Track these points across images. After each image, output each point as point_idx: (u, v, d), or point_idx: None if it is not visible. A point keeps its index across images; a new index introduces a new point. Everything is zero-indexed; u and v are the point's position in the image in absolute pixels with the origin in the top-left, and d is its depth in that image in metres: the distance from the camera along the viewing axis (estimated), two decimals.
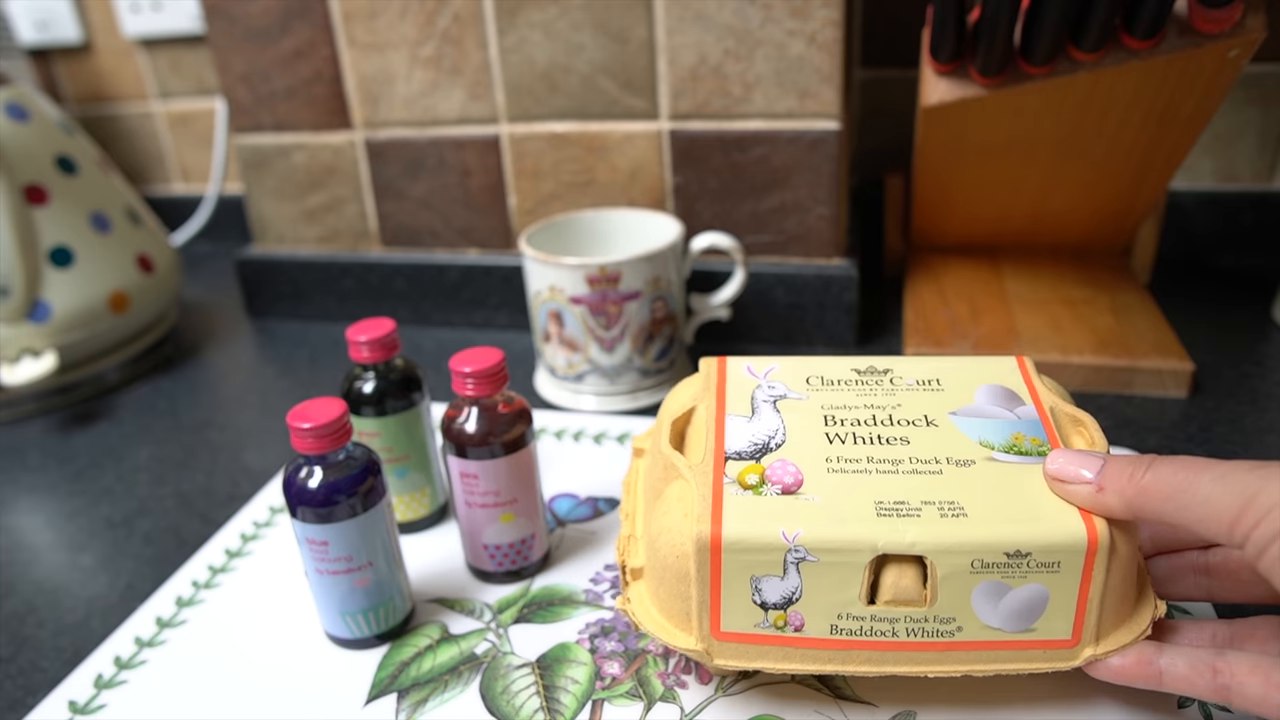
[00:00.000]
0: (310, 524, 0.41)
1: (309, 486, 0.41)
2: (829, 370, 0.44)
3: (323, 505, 0.41)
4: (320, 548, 0.42)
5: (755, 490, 0.37)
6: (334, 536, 0.42)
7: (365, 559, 0.43)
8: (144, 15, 0.99)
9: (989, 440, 0.39)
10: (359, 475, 0.42)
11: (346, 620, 0.44)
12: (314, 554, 0.42)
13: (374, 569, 0.43)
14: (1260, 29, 0.52)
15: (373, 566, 0.43)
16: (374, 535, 0.43)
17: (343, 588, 0.43)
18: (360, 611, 0.44)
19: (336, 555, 0.42)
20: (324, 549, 0.42)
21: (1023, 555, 0.34)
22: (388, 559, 0.44)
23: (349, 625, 0.44)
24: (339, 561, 0.42)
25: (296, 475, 0.42)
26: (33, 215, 0.72)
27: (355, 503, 0.41)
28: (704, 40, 0.66)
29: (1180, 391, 0.62)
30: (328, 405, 0.42)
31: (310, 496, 0.41)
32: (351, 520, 0.42)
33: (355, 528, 0.42)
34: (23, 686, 0.45)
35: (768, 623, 0.36)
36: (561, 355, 0.65)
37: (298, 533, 0.42)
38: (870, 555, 0.35)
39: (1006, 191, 0.73)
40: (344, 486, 0.41)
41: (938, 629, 0.35)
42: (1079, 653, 0.36)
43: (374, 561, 0.43)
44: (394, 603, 0.45)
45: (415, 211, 0.80)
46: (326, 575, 0.43)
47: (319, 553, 0.42)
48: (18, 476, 0.64)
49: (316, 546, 0.42)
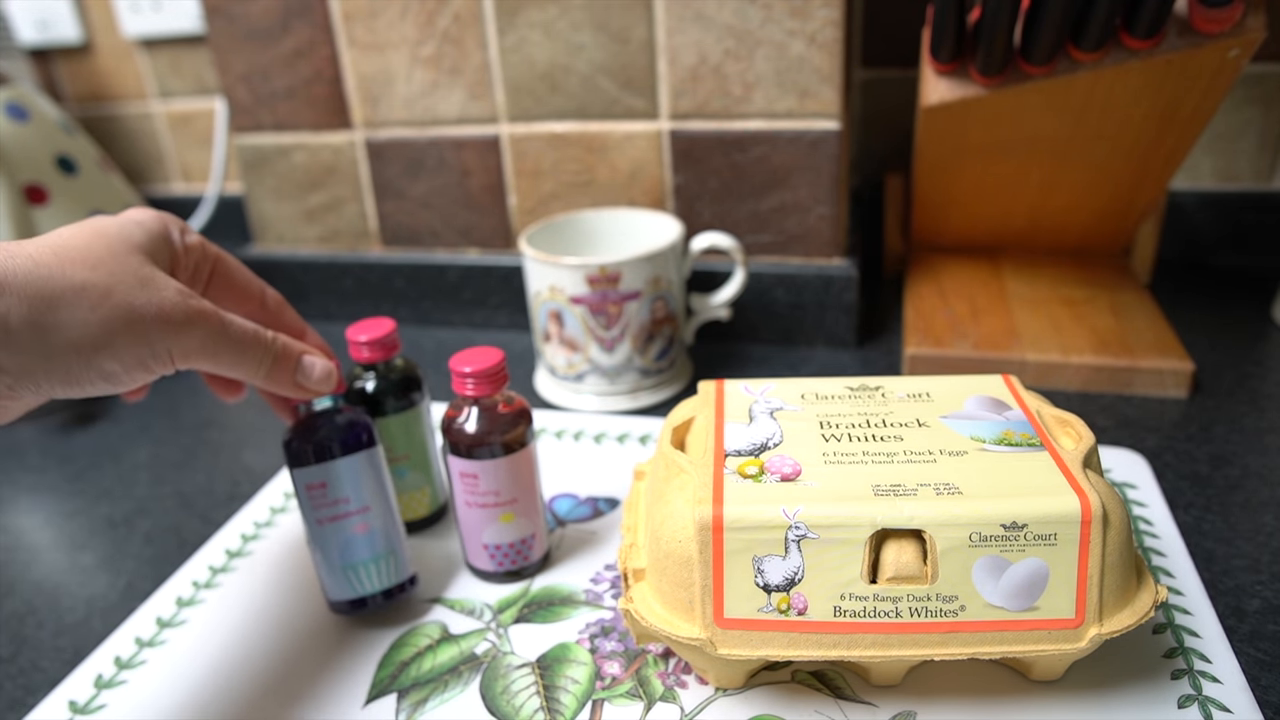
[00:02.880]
0: (308, 467, 0.43)
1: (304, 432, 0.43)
2: (823, 388, 0.45)
3: (319, 447, 0.43)
4: (319, 492, 0.43)
5: (755, 479, 0.38)
6: (330, 476, 0.43)
7: (363, 503, 0.44)
8: (144, 15, 0.99)
9: (980, 436, 0.40)
10: (349, 422, 0.44)
11: (350, 576, 0.45)
12: (313, 500, 0.43)
13: (372, 515, 0.44)
14: (1260, 29, 0.52)
15: (371, 512, 0.44)
16: (370, 479, 0.44)
17: (343, 535, 0.44)
18: (363, 563, 0.45)
19: (334, 498, 0.43)
20: (322, 492, 0.43)
21: (1019, 527, 0.35)
22: (386, 507, 0.45)
23: (353, 581, 0.45)
24: (337, 505, 0.43)
25: (294, 429, 0.44)
26: (33, 215, 0.72)
27: (349, 443, 0.43)
28: (704, 40, 0.66)
29: (1180, 391, 0.62)
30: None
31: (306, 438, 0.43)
32: (345, 459, 0.43)
33: (350, 468, 0.43)
34: (23, 686, 0.45)
35: (771, 606, 0.36)
36: (561, 355, 0.65)
37: (297, 485, 0.43)
38: (870, 530, 0.35)
39: (1006, 191, 0.73)
40: (338, 434, 0.43)
41: (941, 608, 0.36)
42: (1084, 633, 0.36)
43: (371, 507, 0.44)
44: (395, 555, 0.46)
45: (415, 211, 0.80)
46: (326, 525, 0.44)
47: (318, 497, 0.43)
48: (18, 476, 0.64)
49: (315, 492, 0.43)
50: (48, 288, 0.33)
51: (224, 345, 0.38)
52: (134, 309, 0.34)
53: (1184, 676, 0.39)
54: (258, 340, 0.40)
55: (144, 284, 0.35)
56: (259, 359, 0.40)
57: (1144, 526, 0.49)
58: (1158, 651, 0.41)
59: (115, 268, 0.35)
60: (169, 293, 0.36)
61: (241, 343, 0.39)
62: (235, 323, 0.39)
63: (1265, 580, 0.45)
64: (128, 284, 0.35)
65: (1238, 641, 0.42)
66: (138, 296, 0.35)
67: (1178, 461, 0.55)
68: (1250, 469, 0.54)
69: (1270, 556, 0.47)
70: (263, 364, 0.40)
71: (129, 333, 0.34)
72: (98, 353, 0.34)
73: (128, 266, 0.35)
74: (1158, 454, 0.56)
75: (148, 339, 0.35)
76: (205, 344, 0.37)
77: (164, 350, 0.36)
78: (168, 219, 0.40)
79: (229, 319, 0.39)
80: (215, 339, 0.38)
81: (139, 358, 0.35)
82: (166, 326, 0.35)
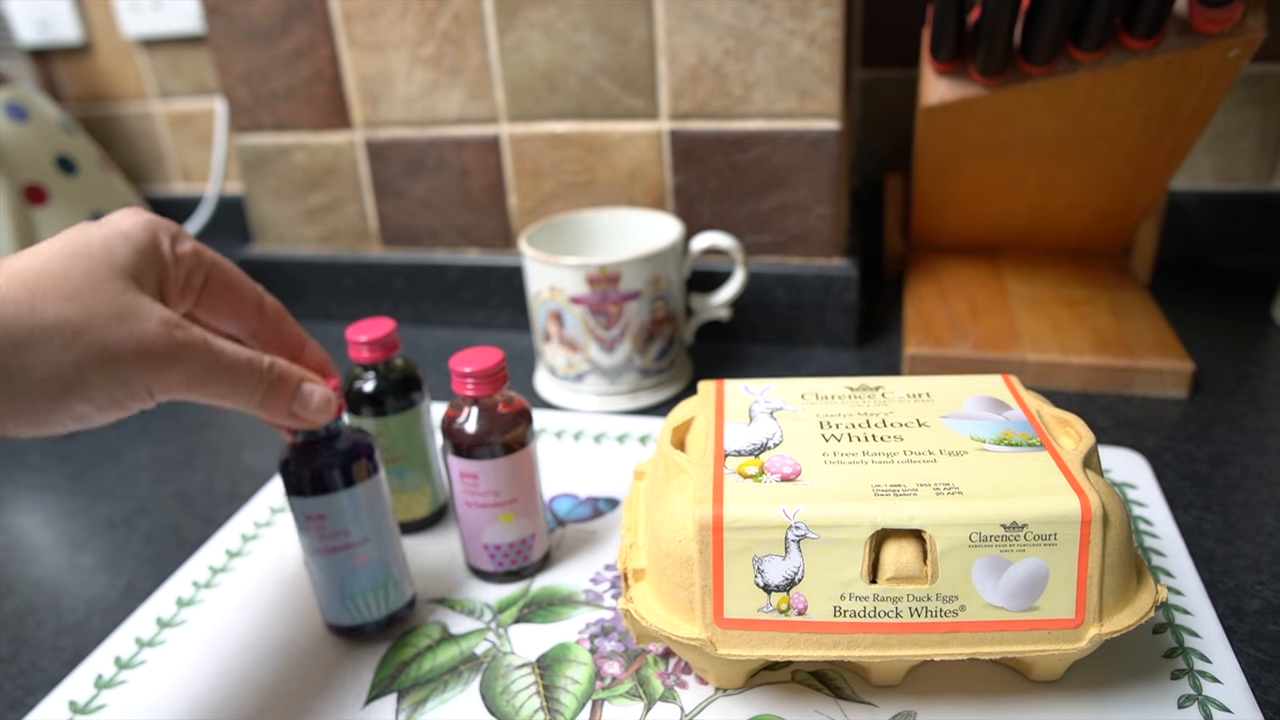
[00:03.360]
0: (307, 498, 0.42)
1: (302, 458, 0.42)
2: (823, 388, 0.45)
3: (318, 477, 0.41)
4: (317, 523, 0.42)
5: (755, 479, 0.38)
6: (330, 509, 0.42)
7: (363, 534, 0.43)
8: (144, 15, 0.99)
9: (980, 436, 0.40)
10: (351, 449, 0.42)
11: (349, 605, 0.44)
12: (312, 531, 0.42)
13: (373, 546, 0.44)
14: (1260, 29, 0.52)
15: (371, 543, 0.43)
16: (371, 511, 0.43)
17: (343, 567, 0.43)
18: (362, 593, 0.44)
19: (334, 529, 0.42)
20: (321, 524, 0.42)
21: (1019, 527, 0.35)
22: (387, 536, 0.44)
23: (352, 610, 0.44)
24: (337, 536, 0.43)
25: (292, 453, 0.42)
26: (33, 215, 0.72)
27: (351, 473, 0.42)
28: (704, 40, 0.66)
29: (1180, 391, 0.62)
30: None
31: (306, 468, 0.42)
32: (346, 491, 0.42)
33: (350, 500, 0.42)
34: (23, 686, 0.45)
35: (771, 606, 0.36)
36: (561, 355, 0.65)
37: (295, 514, 0.43)
38: (870, 530, 0.35)
39: (1006, 191, 0.73)
40: (338, 461, 0.42)
41: (941, 608, 0.36)
42: (1084, 633, 0.36)
43: (371, 538, 0.43)
44: (396, 583, 0.45)
45: (415, 211, 0.80)
46: (326, 555, 0.43)
47: (316, 529, 0.42)
48: (18, 476, 0.64)
49: (314, 522, 0.42)
50: (14, 326, 0.31)
51: (214, 376, 0.36)
52: (109, 346, 0.32)
53: (1184, 676, 0.39)
54: (251, 368, 0.37)
55: (123, 316, 0.33)
56: (252, 389, 0.37)
57: (1144, 526, 0.49)
58: (1158, 651, 0.41)
59: (92, 299, 0.33)
60: (151, 324, 0.34)
61: (233, 372, 0.37)
62: (227, 351, 0.36)
63: (1265, 580, 0.45)
64: (104, 317, 0.33)
65: (1238, 641, 0.42)
66: (115, 332, 0.33)
67: (1178, 461, 0.55)
68: (1250, 469, 0.54)
69: (1270, 556, 0.47)
70: (256, 393, 0.38)
71: (103, 372, 0.32)
72: (69, 394, 0.32)
73: (106, 296, 0.33)
74: (1158, 454, 0.56)
75: (124, 377, 0.33)
76: (192, 377, 0.35)
77: (142, 388, 0.34)
78: (158, 226, 0.37)
79: (220, 347, 0.36)
80: (204, 370, 0.35)
81: (114, 397, 0.33)
82: (146, 362, 0.33)
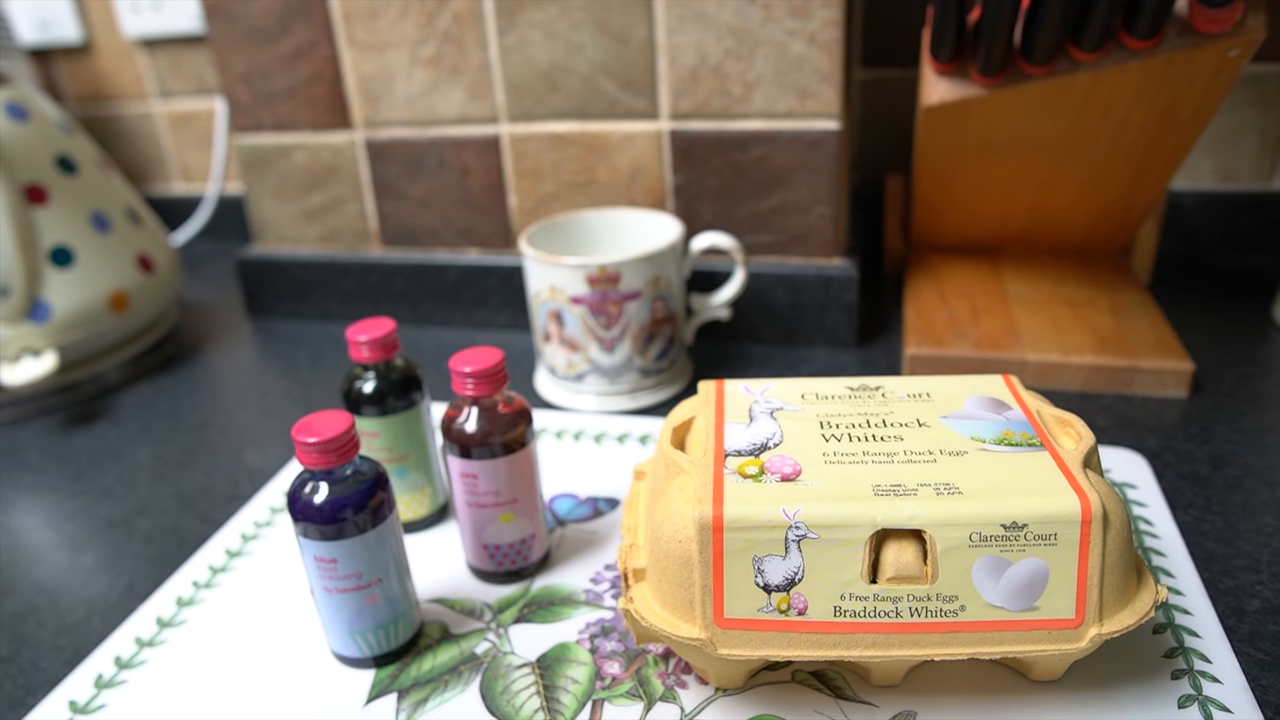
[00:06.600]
0: (318, 541, 0.40)
1: (315, 503, 0.39)
2: (823, 388, 0.45)
3: (331, 522, 0.39)
4: (329, 565, 0.40)
5: (755, 479, 0.38)
6: (343, 554, 0.40)
7: (375, 576, 0.41)
8: (144, 15, 0.99)
9: (980, 436, 0.40)
10: (368, 490, 0.40)
11: (355, 639, 0.43)
12: (322, 572, 0.41)
13: (384, 585, 0.42)
14: (1260, 29, 0.52)
15: (383, 584, 0.42)
16: (384, 551, 0.41)
17: (352, 607, 0.42)
18: (370, 629, 0.43)
19: (346, 573, 0.41)
20: (333, 567, 0.40)
21: (1020, 527, 0.35)
22: (398, 574, 0.43)
23: (358, 644, 0.43)
24: (349, 579, 0.41)
25: (302, 491, 0.40)
26: (33, 215, 0.72)
27: (364, 519, 0.40)
28: (704, 40, 0.66)
29: (1180, 391, 0.62)
30: (334, 419, 0.40)
31: (317, 513, 0.39)
32: (360, 537, 0.40)
33: (364, 544, 0.40)
34: (23, 686, 0.45)
35: (771, 607, 0.36)
36: (561, 355, 0.65)
37: (304, 550, 0.41)
38: (870, 530, 0.35)
39: (1006, 191, 0.73)
40: (352, 502, 0.40)
41: (941, 608, 0.36)
42: (1084, 633, 0.36)
43: (384, 579, 0.42)
44: (405, 618, 0.44)
45: (415, 211, 0.80)
46: (335, 594, 0.41)
47: (327, 571, 0.41)
48: (18, 476, 0.64)
49: (325, 564, 0.40)
50: None
51: None
52: None
53: (1184, 676, 0.39)
54: None
55: None
56: None
57: (1144, 526, 0.49)
58: (1158, 651, 0.41)
59: None
60: None
61: None
62: None
63: (1265, 580, 0.45)
64: None
65: (1238, 641, 0.42)
66: None
67: (1178, 461, 0.55)
68: (1250, 469, 0.54)
69: (1270, 556, 0.47)
70: None
71: None
72: None
73: None
74: (1158, 454, 0.56)
75: None
76: None
77: None
78: None
79: None
80: None
81: None
82: None
